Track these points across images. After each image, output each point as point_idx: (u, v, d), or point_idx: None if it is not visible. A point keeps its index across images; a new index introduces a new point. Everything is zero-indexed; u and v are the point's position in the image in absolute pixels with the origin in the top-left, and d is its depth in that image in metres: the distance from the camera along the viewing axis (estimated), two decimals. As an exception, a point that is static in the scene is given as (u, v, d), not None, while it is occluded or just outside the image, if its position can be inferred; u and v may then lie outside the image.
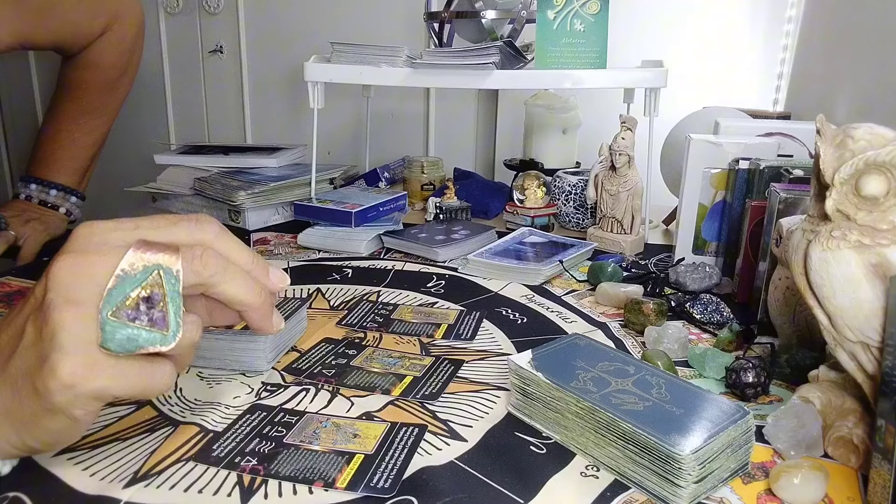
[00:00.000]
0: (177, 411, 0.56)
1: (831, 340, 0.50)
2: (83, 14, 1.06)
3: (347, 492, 0.46)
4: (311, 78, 1.09)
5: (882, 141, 0.48)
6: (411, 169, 1.30)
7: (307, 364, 0.65)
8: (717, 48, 1.33)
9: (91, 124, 1.14)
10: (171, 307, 0.37)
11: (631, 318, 0.74)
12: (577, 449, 0.51)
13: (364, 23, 1.51)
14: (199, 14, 1.63)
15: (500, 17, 1.15)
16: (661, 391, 0.51)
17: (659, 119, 1.05)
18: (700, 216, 0.92)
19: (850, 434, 0.50)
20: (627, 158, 0.99)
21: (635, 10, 1.31)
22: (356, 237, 1.00)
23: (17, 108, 1.88)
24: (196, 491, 0.46)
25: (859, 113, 0.99)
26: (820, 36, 1.20)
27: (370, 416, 0.56)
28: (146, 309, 0.37)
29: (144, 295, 0.37)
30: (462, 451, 0.51)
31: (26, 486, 0.46)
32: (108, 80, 1.13)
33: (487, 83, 1.07)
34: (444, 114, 1.54)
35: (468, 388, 0.61)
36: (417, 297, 0.83)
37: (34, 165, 1.13)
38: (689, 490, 0.44)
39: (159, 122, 1.74)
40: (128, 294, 0.37)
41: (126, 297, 0.37)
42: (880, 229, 0.48)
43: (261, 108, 1.67)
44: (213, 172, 1.19)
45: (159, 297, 0.37)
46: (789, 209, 0.72)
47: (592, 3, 1.02)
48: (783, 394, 0.61)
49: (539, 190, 1.10)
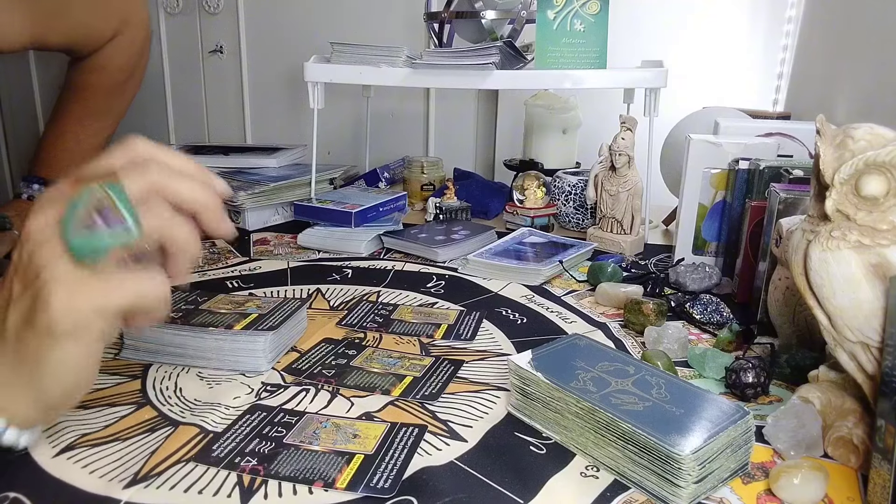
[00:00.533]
0: (177, 411, 0.56)
1: (831, 341, 0.50)
2: (95, 17, 1.06)
3: (347, 492, 0.46)
4: (311, 78, 1.09)
5: (882, 141, 0.48)
6: (411, 169, 1.30)
7: (307, 364, 0.65)
8: (717, 48, 1.33)
9: (96, 126, 1.14)
10: (121, 207, 0.40)
11: (631, 318, 0.74)
12: (576, 449, 0.51)
13: (364, 23, 1.51)
14: (199, 14, 1.63)
15: (500, 18, 1.15)
16: (661, 391, 0.51)
17: (659, 119, 1.05)
18: (700, 216, 0.92)
19: (849, 434, 0.50)
20: (627, 158, 0.99)
21: (635, 10, 1.31)
22: (356, 237, 1.00)
23: (17, 109, 1.87)
24: (196, 492, 0.46)
25: (859, 113, 0.99)
26: (820, 36, 1.20)
27: (370, 416, 0.56)
28: (99, 216, 0.40)
29: (94, 207, 0.40)
30: (462, 452, 0.51)
31: (26, 486, 0.46)
32: (115, 83, 1.13)
33: (487, 83, 1.07)
34: (444, 114, 1.54)
35: (468, 388, 0.61)
36: (417, 297, 0.83)
37: (38, 166, 1.13)
38: (688, 490, 0.44)
39: (159, 122, 1.74)
40: (78, 213, 0.40)
41: (78, 216, 0.40)
42: (880, 229, 0.48)
43: (261, 108, 1.67)
44: (213, 172, 1.19)
45: (107, 204, 0.40)
46: (789, 209, 0.72)
47: (592, 3, 1.02)
48: (783, 394, 0.61)
49: (539, 190, 1.11)
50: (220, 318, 0.65)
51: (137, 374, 0.62)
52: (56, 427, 0.53)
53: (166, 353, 0.64)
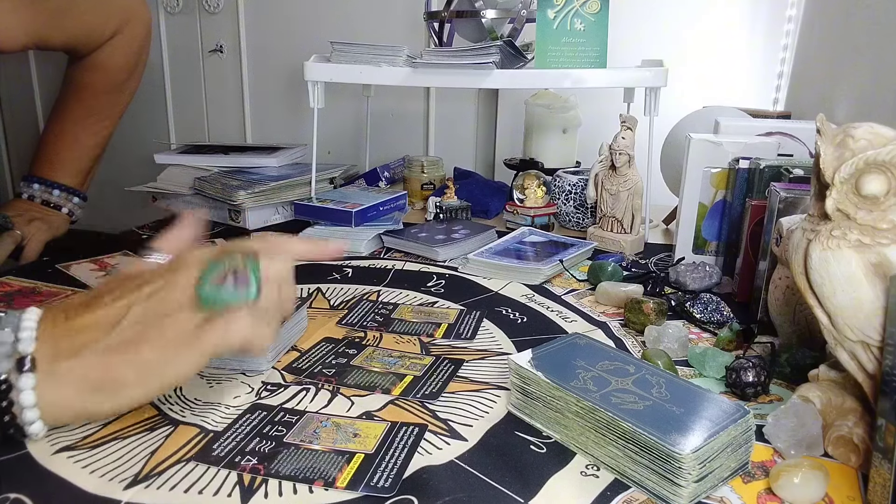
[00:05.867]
0: (177, 410, 0.56)
1: (831, 340, 0.50)
2: (97, 16, 1.06)
3: (347, 491, 0.46)
4: (311, 77, 1.09)
5: (882, 140, 0.48)
6: (411, 168, 1.30)
7: (307, 363, 0.65)
8: (717, 47, 1.33)
9: (96, 126, 1.14)
10: (252, 276, 0.49)
11: (631, 317, 0.74)
12: (577, 448, 0.51)
13: (364, 23, 1.51)
14: (199, 14, 1.63)
15: (500, 17, 1.15)
16: (661, 390, 0.51)
17: (659, 118, 1.05)
18: (700, 215, 0.92)
19: (850, 433, 0.50)
20: (627, 158, 0.99)
21: (635, 10, 1.31)
22: (356, 237, 1.00)
23: (17, 108, 1.88)
24: (196, 492, 0.46)
25: (859, 113, 0.99)
26: (820, 36, 1.19)
27: (370, 415, 0.56)
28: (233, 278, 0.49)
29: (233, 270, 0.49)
30: (462, 451, 0.51)
31: (27, 486, 0.46)
32: (115, 82, 1.13)
33: (487, 83, 1.07)
34: (444, 113, 1.54)
35: (468, 387, 0.61)
36: (417, 296, 0.83)
37: (37, 165, 1.13)
38: (689, 489, 0.44)
39: (159, 122, 1.74)
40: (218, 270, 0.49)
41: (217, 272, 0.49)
42: (880, 228, 0.48)
43: (261, 108, 1.67)
44: (214, 172, 1.19)
45: (242, 272, 0.49)
46: (789, 209, 0.72)
47: (592, 3, 1.02)
48: (783, 393, 0.61)
49: (539, 189, 1.11)
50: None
51: (138, 374, 0.62)
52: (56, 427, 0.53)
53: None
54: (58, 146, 1.13)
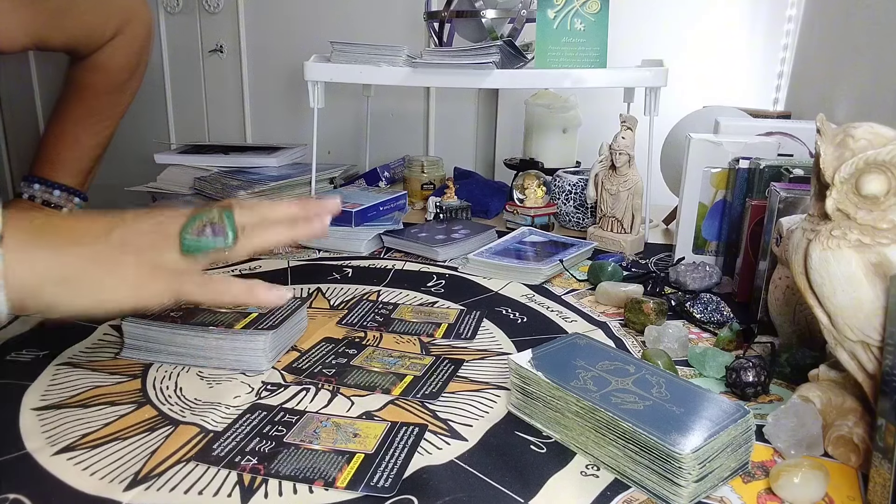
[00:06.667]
0: (177, 411, 0.56)
1: (831, 340, 0.50)
2: (97, 16, 1.06)
3: (347, 491, 0.46)
4: (312, 77, 1.09)
5: (882, 140, 0.48)
6: (411, 168, 1.30)
7: (307, 363, 0.65)
8: (717, 47, 1.33)
9: (97, 126, 1.14)
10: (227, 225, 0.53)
11: (631, 317, 0.74)
12: (577, 448, 0.51)
13: (364, 23, 1.51)
14: (199, 14, 1.63)
15: (500, 17, 1.15)
16: (662, 390, 0.51)
17: (659, 118, 1.05)
18: (700, 215, 0.92)
19: (850, 433, 0.50)
20: (628, 158, 0.99)
21: (635, 10, 1.31)
22: (356, 237, 1.00)
23: (17, 108, 1.87)
24: (196, 492, 0.46)
25: (859, 113, 0.99)
26: (820, 36, 1.19)
27: (370, 415, 0.56)
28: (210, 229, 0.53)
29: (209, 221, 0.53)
30: (462, 451, 0.51)
31: (26, 487, 0.46)
32: (116, 82, 1.13)
33: (487, 83, 1.07)
34: (444, 114, 1.54)
35: (468, 387, 0.61)
36: (417, 296, 0.83)
37: (38, 165, 1.13)
38: (689, 489, 0.44)
39: (159, 122, 1.74)
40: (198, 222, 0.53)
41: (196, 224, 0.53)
42: (880, 228, 0.48)
43: (261, 108, 1.67)
44: (213, 172, 1.19)
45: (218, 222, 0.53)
46: (789, 208, 0.72)
47: (592, 3, 1.02)
48: (783, 393, 0.61)
49: (539, 189, 1.11)
50: (220, 317, 0.65)
51: (137, 374, 0.62)
52: (56, 426, 0.53)
53: (167, 352, 0.64)
54: (58, 146, 1.13)
